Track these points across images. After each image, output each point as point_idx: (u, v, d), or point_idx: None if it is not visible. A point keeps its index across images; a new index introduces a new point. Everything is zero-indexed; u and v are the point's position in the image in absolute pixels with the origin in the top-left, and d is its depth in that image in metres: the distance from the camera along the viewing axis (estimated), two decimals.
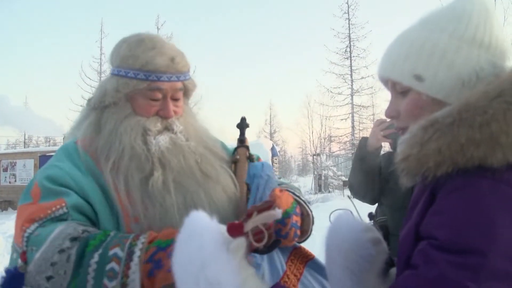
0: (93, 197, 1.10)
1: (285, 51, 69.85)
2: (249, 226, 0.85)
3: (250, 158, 1.35)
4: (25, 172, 15.34)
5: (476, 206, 0.70)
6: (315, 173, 23.75)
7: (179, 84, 1.21)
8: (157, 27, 20.78)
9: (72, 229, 1.01)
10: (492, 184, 0.72)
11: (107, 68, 24.01)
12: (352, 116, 24.80)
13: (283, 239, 1.15)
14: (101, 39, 24.52)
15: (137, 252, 0.97)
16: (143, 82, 1.16)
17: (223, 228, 0.85)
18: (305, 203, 1.29)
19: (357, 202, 2.34)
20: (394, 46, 0.90)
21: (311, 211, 1.31)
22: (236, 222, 0.87)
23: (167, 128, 1.21)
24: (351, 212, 1.01)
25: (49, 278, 0.96)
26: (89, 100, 1.25)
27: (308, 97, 37.98)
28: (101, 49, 24.41)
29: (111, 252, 0.97)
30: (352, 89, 24.80)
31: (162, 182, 1.13)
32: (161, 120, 1.20)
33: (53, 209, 1.06)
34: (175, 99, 1.23)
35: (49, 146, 29.38)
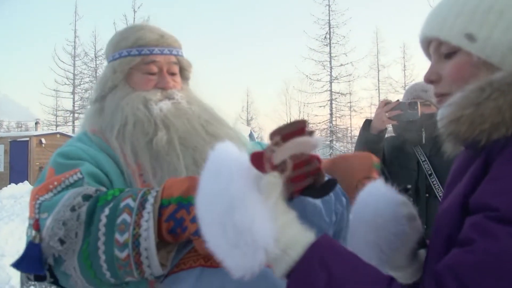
0: (108, 167, 1.09)
1: (263, 37, 69.37)
2: (279, 156, 0.66)
3: None
4: None
5: None
6: None
7: (172, 58, 1.24)
8: (134, 10, 20.28)
9: (84, 188, 0.96)
10: None
11: (81, 52, 23.45)
12: (331, 103, 24.90)
13: None
14: (75, 21, 23.82)
15: (151, 200, 0.89)
16: (137, 57, 1.21)
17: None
18: None
19: None
20: (445, 3, 0.81)
21: None
22: (260, 150, 0.69)
23: (168, 97, 1.21)
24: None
25: (62, 241, 0.88)
26: (89, 98, 1.31)
27: (287, 84, 38.08)
28: (75, 32, 23.73)
29: (122, 204, 0.89)
30: (331, 76, 24.89)
31: (167, 141, 1.11)
32: (160, 91, 1.22)
33: (67, 175, 1.02)
34: (172, 74, 1.25)
35: (20, 131, 28.47)
